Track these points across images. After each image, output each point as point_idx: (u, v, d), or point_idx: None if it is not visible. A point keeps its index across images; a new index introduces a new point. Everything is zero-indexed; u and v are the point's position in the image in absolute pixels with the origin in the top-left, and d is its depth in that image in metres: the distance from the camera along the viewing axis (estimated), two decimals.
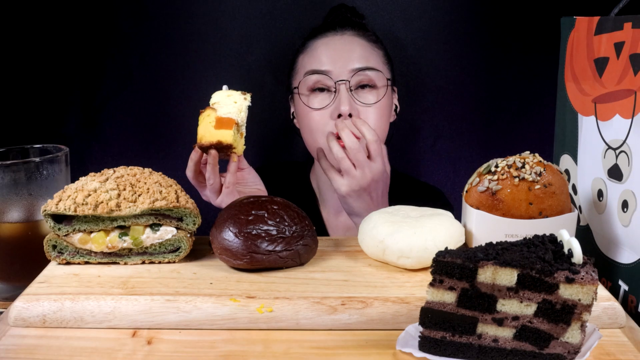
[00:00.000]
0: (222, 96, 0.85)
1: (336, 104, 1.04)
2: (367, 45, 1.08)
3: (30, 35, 1.25)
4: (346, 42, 1.08)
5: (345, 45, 1.07)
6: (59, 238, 0.70)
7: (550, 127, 0.89)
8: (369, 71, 1.06)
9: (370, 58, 1.07)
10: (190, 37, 1.28)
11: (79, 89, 1.29)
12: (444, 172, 1.36)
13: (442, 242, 0.68)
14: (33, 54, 1.26)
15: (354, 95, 1.05)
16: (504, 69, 1.29)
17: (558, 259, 0.53)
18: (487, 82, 1.31)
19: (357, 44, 1.08)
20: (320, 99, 1.07)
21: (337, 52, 1.07)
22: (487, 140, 1.33)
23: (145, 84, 1.30)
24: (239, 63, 1.30)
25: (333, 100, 1.05)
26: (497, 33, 1.28)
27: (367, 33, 1.11)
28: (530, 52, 1.26)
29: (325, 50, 1.08)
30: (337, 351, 0.58)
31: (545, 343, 0.54)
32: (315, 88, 1.07)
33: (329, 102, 1.05)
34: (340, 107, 1.03)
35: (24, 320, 0.62)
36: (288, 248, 0.68)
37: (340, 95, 1.04)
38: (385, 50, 1.13)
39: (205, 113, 0.83)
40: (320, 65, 1.06)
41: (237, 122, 0.82)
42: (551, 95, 0.87)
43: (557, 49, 0.84)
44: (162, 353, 0.57)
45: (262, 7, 1.28)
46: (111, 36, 1.27)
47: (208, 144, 0.81)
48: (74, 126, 1.30)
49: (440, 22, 1.28)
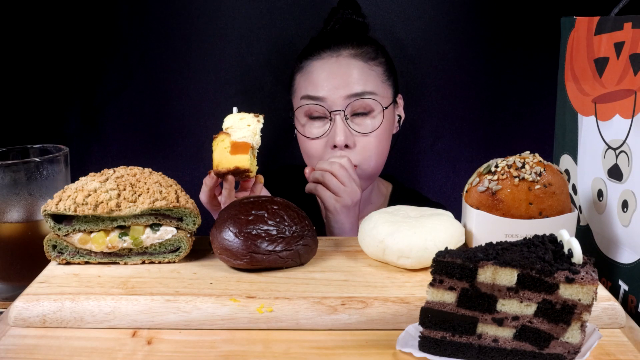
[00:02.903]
0: (235, 119, 0.83)
1: (332, 134, 1.03)
2: (363, 67, 1.05)
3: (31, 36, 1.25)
4: (342, 64, 1.04)
5: (341, 69, 1.04)
6: (59, 238, 0.70)
7: (550, 127, 0.89)
8: (365, 97, 1.03)
9: (367, 81, 1.04)
10: (190, 37, 1.28)
11: (79, 89, 1.29)
12: (444, 172, 1.36)
13: (442, 242, 0.68)
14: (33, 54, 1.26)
15: (349, 124, 1.03)
16: (504, 69, 1.29)
17: (558, 259, 0.53)
18: (487, 82, 1.31)
19: (353, 67, 1.04)
20: (316, 127, 1.06)
21: (333, 76, 1.04)
22: (487, 140, 1.33)
23: (145, 84, 1.30)
24: (239, 63, 1.30)
25: (329, 130, 1.04)
26: (497, 33, 1.28)
27: (364, 50, 1.07)
28: (530, 52, 1.26)
29: (320, 73, 1.05)
30: (337, 351, 0.58)
31: (545, 343, 0.54)
32: (312, 116, 1.06)
33: (324, 131, 1.04)
34: (336, 138, 1.02)
35: (24, 320, 0.62)
36: (288, 248, 0.68)
37: (335, 126, 1.03)
38: (386, 62, 1.09)
39: (219, 138, 0.80)
40: (315, 90, 1.04)
41: (252, 145, 0.81)
42: (551, 95, 0.87)
43: (557, 49, 0.84)
44: (162, 353, 0.57)
45: (262, 7, 1.28)
46: (111, 36, 1.27)
47: (225, 170, 0.79)
48: (74, 126, 1.31)
49: (440, 22, 1.28)
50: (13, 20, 1.24)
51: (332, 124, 1.03)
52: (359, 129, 1.04)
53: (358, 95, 1.03)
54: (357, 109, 1.03)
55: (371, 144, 1.04)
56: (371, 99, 1.03)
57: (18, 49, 1.25)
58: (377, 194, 1.21)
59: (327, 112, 1.03)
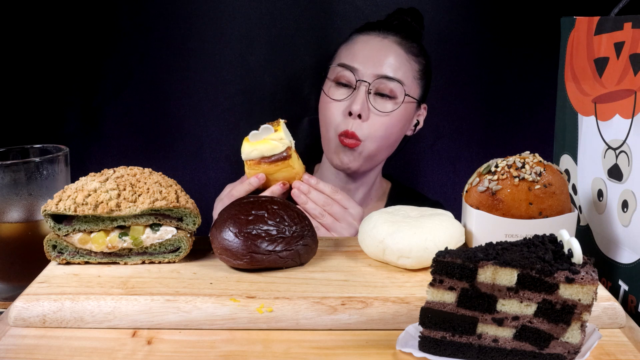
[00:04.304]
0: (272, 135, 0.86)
1: (350, 101, 1.06)
2: (403, 55, 1.08)
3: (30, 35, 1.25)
4: (383, 46, 1.08)
5: (381, 50, 1.07)
6: (59, 238, 0.70)
7: (550, 127, 0.89)
8: (391, 81, 1.06)
9: (401, 69, 1.07)
10: (190, 37, 1.28)
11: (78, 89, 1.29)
12: (444, 172, 1.36)
13: (442, 242, 0.68)
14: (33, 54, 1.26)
15: (370, 99, 1.06)
16: (504, 69, 1.29)
17: (558, 259, 0.53)
18: (487, 82, 1.31)
19: (392, 52, 1.07)
20: (340, 93, 1.08)
21: (371, 52, 1.07)
22: (487, 140, 1.33)
23: (145, 84, 1.30)
24: (239, 63, 1.30)
25: (350, 96, 1.07)
26: (497, 33, 1.28)
27: (409, 44, 1.10)
28: (530, 52, 1.26)
29: (361, 47, 1.09)
30: (337, 351, 0.58)
31: (545, 343, 0.54)
32: (340, 82, 1.08)
33: (346, 95, 1.07)
34: (352, 106, 1.05)
35: (24, 320, 0.62)
36: (288, 248, 0.68)
37: (357, 94, 1.06)
38: (425, 65, 1.12)
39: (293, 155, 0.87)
40: (351, 61, 1.08)
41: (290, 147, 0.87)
42: (551, 95, 0.87)
43: (557, 49, 0.84)
44: (162, 353, 0.57)
45: (262, 7, 1.27)
46: (111, 36, 1.27)
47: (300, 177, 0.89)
48: (74, 126, 1.30)
49: (440, 22, 1.28)
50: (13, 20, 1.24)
51: (355, 91, 1.06)
52: (378, 107, 1.06)
53: (388, 78, 1.06)
54: (383, 89, 1.06)
55: (383, 125, 1.07)
56: (398, 85, 1.06)
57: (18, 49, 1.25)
58: (377, 192, 1.22)
59: (354, 82, 1.06)
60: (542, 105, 1.26)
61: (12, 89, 1.26)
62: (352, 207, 0.93)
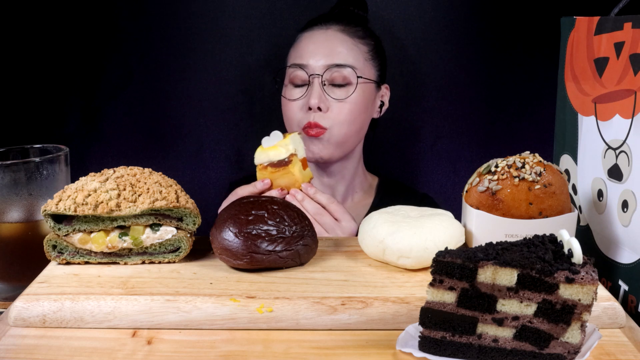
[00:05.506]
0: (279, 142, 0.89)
1: (308, 97, 1.08)
2: (348, 41, 1.10)
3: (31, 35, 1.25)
4: (328, 37, 1.11)
5: (326, 41, 1.10)
6: (59, 238, 0.70)
7: (550, 127, 0.89)
8: (343, 68, 1.08)
9: (349, 55, 1.09)
10: (190, 37, 1.29)
11: (79, 89, 1.29)
12: (444, 172, 1.36)
13: (442, 242, 0.68)
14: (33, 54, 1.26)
15: (326, 90, 1.08)
16: (504, 69, 1.29)
17: (558, 259, 0.53)
18: (487, 82, 1.31)
19: (338, 40, 1.10)
20: (297, 92, 1.11)
21: (316, 46, 1.10)
22: (487, 140, 1.33)
23: (145, 84, 1.30)
24: (239, 63, 1.30)
25: (305, 93, 1.09)
26: (497, 33, 1.28)
27: (353, 29, 1.12)
28: (530, 52, 1.27)
29: (307, 44, 1.11)
30: (337, 351, 0.58)
31: (545, 343, 0.54)
32: (294, 83, 1.11)
33: (302, 94, 1.09)
34: (310, 100, 1.07)
35: (24, 320, 0.62)
36: (288, 248, 0.68)
37: (312, 88, 1.08)
38: (375, 45, 1.14)
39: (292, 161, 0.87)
40: (300, 59, 1.10)
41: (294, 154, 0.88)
42: (551, 95, 0.87)
43: (557, 49, 0.84)
44: (162, 353, 0.57)
45: (262, 7, 1.28)
46: (111, 36, 1.27)
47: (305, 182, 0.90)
48: (74, 126, 1.31)
49: (440, 22, 1.28)
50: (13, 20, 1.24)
51: (310, 87, 1.09)
52: (334, 96, 1.09)
53: (338, 65, 1.08)
54: (336, 78, 1.09)
55: (344, 110, 1.09)
56: (350, 71, 1.09)
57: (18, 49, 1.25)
58: (361, 186, 1.23)
59: (307, 78, 1.09)
60: (542, 105, 1.26)
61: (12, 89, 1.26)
62: (346, 221, 0.93)
